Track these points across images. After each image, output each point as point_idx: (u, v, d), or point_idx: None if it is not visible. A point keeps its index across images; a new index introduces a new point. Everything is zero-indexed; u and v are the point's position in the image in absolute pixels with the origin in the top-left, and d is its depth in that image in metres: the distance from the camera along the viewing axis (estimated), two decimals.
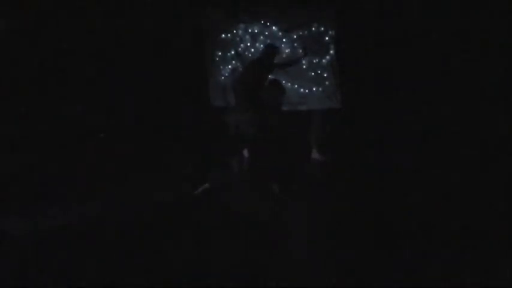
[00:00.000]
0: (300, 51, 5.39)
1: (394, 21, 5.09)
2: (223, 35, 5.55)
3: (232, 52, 5.59)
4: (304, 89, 5.46)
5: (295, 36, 5.42)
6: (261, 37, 5.51)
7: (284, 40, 5.44)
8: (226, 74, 5.65)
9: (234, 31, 5.55)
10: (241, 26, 5.53)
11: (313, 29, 5.37)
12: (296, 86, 5.46)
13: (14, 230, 3.55)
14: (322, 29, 5.36)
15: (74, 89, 4.99)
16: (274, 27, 5.45)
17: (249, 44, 5.54)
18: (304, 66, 5.43)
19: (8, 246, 3.31)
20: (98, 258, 3.11)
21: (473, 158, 4.53)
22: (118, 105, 5.30)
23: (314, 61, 5.41)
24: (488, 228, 3.44)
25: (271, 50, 5.07)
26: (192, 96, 5.66)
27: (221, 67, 5.66)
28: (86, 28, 5.06)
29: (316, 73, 5.42)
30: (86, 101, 5.06)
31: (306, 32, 5.39)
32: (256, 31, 5.50)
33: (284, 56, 5.44)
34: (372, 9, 5.19)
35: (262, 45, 5.49)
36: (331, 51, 5.37)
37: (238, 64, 5.58)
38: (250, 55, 5.53)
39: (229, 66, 5.66)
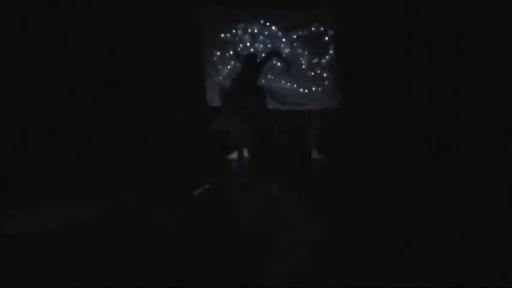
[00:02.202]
0: (300, 51, 5.39)
1: (393, 21, 5.09)
2: (222, 35, 5.54)
3: (231, 52, 5.57)
4: (304, 89, 5.45)
5: (294, 36, 5.41)
6: (261, 37, 5.49)
7: (284, 40, 5.43)
8: (225, 75, 5.65)
9: (234, 31, 5.54)
10: (241, 25, 5.51)
11: (313, 29, 5.36)
12: (296, 86, 5.45)
13: (15, 231, 3.55)
14: (322, 29, 5.35)
15: (73, 88, 4.98)
16: (273, 27, 5.44)
17: (248, 44, 5.53)
18: (304, 66, 5.42)
19: (8, 246, 3.30)
20: (97, 258, 3.10)
21: (474, 156, 4.53)
22: (116, 105, 5.29)
23: (314, 61, 5.40)
24: (489, 229, 3.44)
25: (252, 58, 5.07)
26: (191, 97, 5.64)
27: (219, 67, 5.65)
28: (85, 27, 5.05)
29: (316, 73, 5.41)
30: (85, 101, 5.05)
31: (305, 32, 5.38)
32: (255, 31, 5.49)
33: (284, 55, 5.43)
34: (371, 9, 5.19)
35: (261, 45, 5.49)
36: (331, 51, 5.37)
37: (237, 64, 5.57)
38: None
39: (228, 67, 5.65)
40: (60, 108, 4.86)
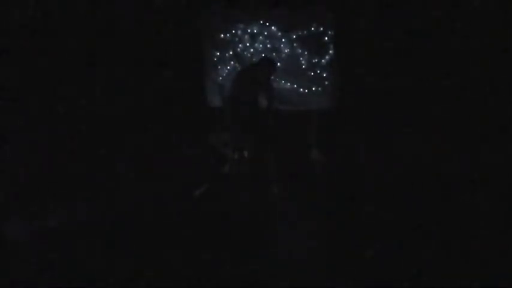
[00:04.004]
0: (300, 51, 5.40)
1: (393, 21, 5.09)
2: (221, 35, 5.54)
3: (231, 52, 5.57)
4: (304, 89, 5.46)
5: (294, 36, 5.42)
6: (260, 37, 5.50)
7: (283, 40, 5.44)
8: (224, 75, 5.64)
9: (233, 31, 5.54)
10: (240, 26, 5.51)
11: (313, 29, 5.37)
12: (296, 86, 5.46)
13: (14, 231, 3.55)
14: (322, 29, 5.36)
15: (73, 88, 4.97)
16: (273, 27, 5.44)
17: (248, 44, 5.53)
18: (303, 66, 5.43)
19: (8, 247, 3.30)
20: (97, 258, 3.10)
21: (472, 155, 4.53)
22: (115, 106, 5.29)
23: (314, 61, 5.41)
24: (489, 228, 3.44)
25: (267, 64, 4.96)
26: (190, 97, 5.64)
27: (219, 67, 5.65)
28: (86, 28, 5.04)
29: (315, 73, 5.42)
30: (85, 101, 5.04)
31: (305, 32, 5.39)
32: (255, 31, 5.49)
33: (283, 55, 5.44)
34: (371, 9, 5.19)
35: (261, 46, 5.49)
36: (331, 51, 5.38)
37: (237, 65, 5.57)
38: (249, 55, 5.52)
39: (228, 67, 5.65)
40: (60, 107, 4.85)
